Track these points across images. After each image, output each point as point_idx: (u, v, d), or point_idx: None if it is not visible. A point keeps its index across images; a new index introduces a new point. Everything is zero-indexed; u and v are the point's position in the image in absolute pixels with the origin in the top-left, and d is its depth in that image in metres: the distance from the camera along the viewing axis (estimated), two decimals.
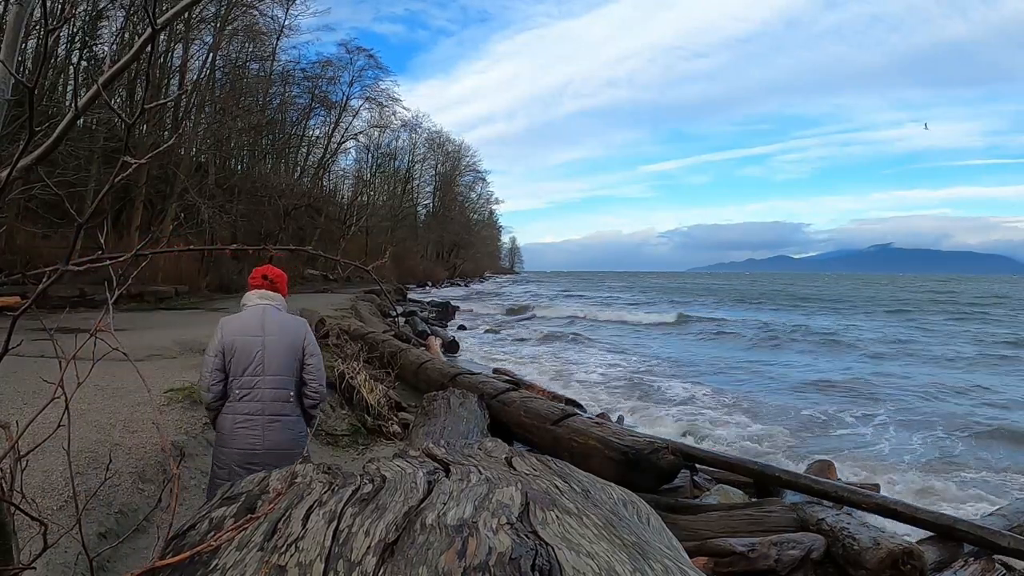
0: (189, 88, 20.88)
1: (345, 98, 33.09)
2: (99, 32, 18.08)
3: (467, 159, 58.03)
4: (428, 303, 26.12)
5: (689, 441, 6.58)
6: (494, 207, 71.41)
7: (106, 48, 17.84)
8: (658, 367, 12.94)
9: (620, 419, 7.72)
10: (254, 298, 2.92)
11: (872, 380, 10.95)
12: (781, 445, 7.10)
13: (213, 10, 20.85)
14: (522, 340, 18.14)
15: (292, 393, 2.84)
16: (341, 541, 1.32)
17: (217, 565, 1.32)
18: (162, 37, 17.16)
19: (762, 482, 4.97)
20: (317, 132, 33.16)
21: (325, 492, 1.61)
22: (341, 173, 39.57)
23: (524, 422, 5.68)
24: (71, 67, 17.25)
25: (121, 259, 1.10)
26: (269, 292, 2.94)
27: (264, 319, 2.84)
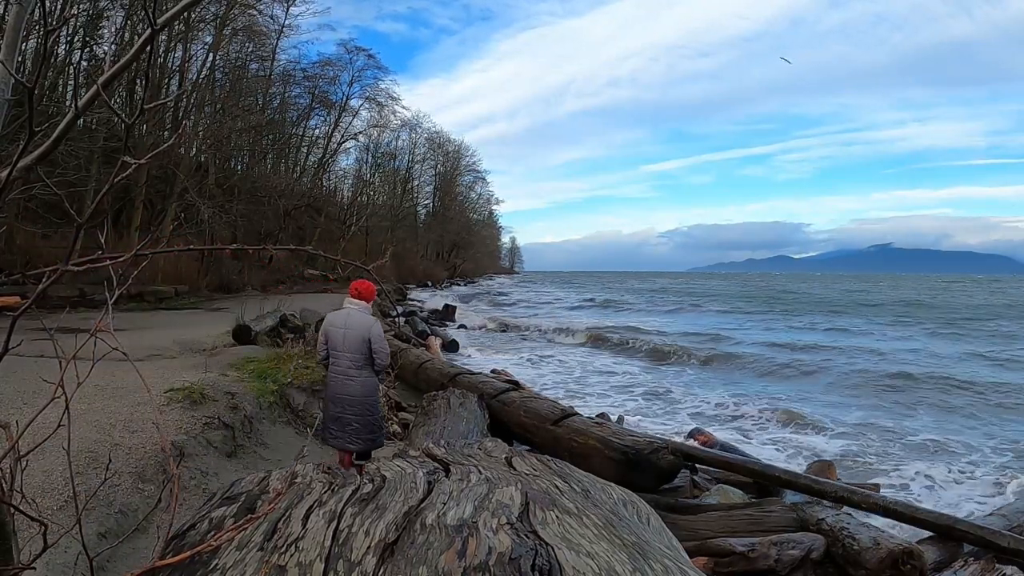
0: (189, 88, 20.88)
1: (345, 98, 33.09)
2: (99, 32, 18.09)
3: (467, 159, 58.03)
4: (425, 304, 26.06)
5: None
6: (494, 207, 71.48)
7: (106, 48, 17.84)
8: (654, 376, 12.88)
9: (620, 419, 7.72)
10: (346, 303, 4.37)
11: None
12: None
13: (213, 10, 20.83)
14: (521, 342, 18.14)
15: (361, 363, 4.26)
16: (341, 541, 1.32)
17: (217, 565, 1.32)
18: (162, 37, 17.18)
19: (762, 482, 4.97)
20: (317, 132, 33.17)
21: (325, 492, 1.61)
22: (341, 173, 39.56)
23: (524, 422, 5.68)
24: (71, 67, 17.24)
25: (121, 259, 1.10)
26: (356, 300, 4.34)
27: (347, 317, 4.30)
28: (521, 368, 12.39)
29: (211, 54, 22.06)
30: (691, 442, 6.31)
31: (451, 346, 14.84)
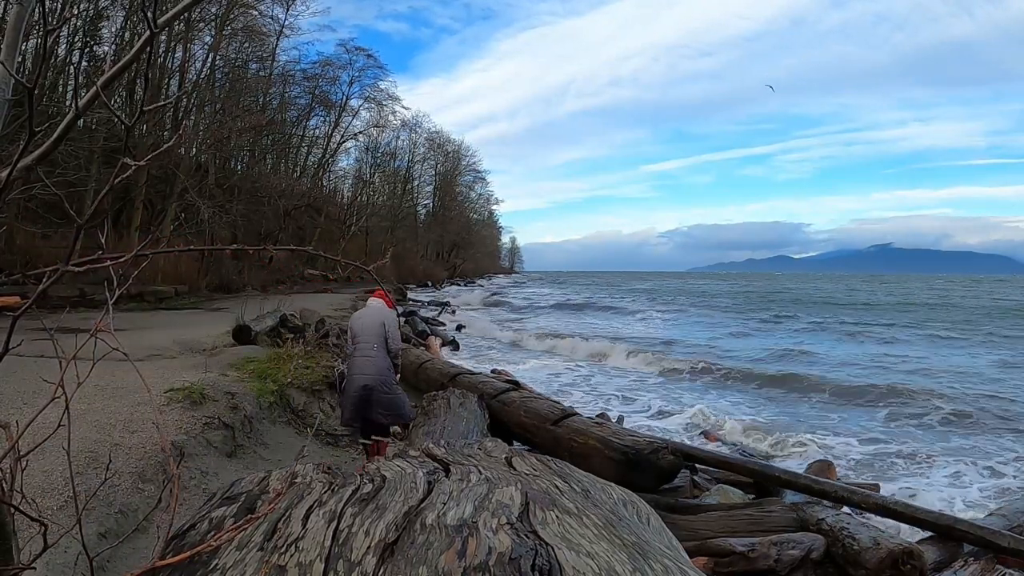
0: (189, 88, 20.89)
1: (345, 98, 33.15)
2: (99, 32, 18.10)
3: (467, 159, 58.07)
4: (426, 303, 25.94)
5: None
6: (494, 207, 71.54)
7: (106, 48, 17.85)
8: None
9: (620, 419, 7.71)
10: (370, 301, 5.41)
11: None
12: None
13: (213, 10, 20.83)
14: (519, 343, 18.12)
15: (377, 344, 4.97)
16: (341, 541, 1.32)
17: (217, 565, 1.32)
18: (162, 37, 17.19)
19: (762, 482, 4.97)
20: (317, 132, 33.20)
21: (325, 492, 1.61)
22: (341, 173, 39.58)
23: (524, 422, 5.67)
24: (71, 67, 17.24)
25: (121, 259, 1.10)
26: (377, 300, 5.34)
27: (367, 309, 5.23)
28: (519, 369, 12.39)
29: (211, 54, 22.07)
30: (705, 444, 6.29)
31: (451, 346, 14.85)
